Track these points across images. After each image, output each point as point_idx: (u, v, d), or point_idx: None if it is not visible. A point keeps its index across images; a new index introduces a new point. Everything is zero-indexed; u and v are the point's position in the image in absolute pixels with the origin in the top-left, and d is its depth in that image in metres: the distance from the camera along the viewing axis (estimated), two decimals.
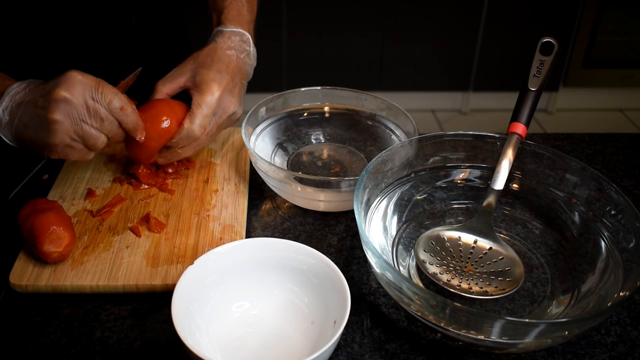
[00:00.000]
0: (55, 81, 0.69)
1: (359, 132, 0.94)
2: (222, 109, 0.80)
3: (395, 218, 0.77)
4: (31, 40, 0.89)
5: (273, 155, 0.90)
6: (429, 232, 0.74)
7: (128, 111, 0.72)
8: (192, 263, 0.63)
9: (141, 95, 0.81)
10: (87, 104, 0.69)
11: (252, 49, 0.86)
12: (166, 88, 0.81)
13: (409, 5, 2.44)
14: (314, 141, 0.94)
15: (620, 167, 0.93)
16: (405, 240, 0.76)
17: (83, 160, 0.73)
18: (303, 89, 0.93)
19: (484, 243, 0.73)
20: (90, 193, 0.82)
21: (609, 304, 0.61)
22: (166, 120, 0.77)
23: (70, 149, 0.71)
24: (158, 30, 1.02)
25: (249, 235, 0.78)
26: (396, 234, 0.76)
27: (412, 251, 0.74)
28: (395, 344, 0.64)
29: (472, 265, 0.70)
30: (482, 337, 0.58)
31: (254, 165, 0.82)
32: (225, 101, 0.80)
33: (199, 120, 0.78)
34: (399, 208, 0.78)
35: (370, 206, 0.74)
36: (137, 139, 0.76)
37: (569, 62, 2.62)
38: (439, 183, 0.82)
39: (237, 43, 0.84)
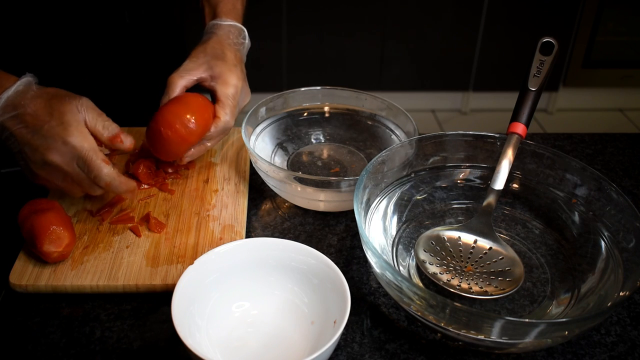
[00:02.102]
0: (48, 136, 0.67)
1: (359, 132, 0.94)
2: (242, 99, 0.84)
3: (395, 218, 0.77)
4: (25, 40, 0.89)
5: (273, 155, 0.90)
6: (429, 232, 0.74)
7: (114, 184, 0.72)
8: (192, 263, 0.63)
9: (142, 94, 0.81)
10: (73, 170, 0.69)
11: (247, 41, 0.88)
12: (184, 81, 0.81)
13: (409, 5, 2.44)
14: (314, 141, 0.94)
15: (620, 167, 0.93)
16: (405, 240, 0.76)
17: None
18: (303, 89, 0.93)
19: (484, 243, 0.73)
20: None
21: (609, 304, 0.61)
22: (202, 119, 0.78)
23: (47, 183, 0.73)
24: (152, 30, 1.02)
25: (249, 235, 0.78)
26: (396, 234, 0.76)
27: (412, 251, 0.74)
28: (395, 344, 0.64)
29: (472, 265, 0.70)
30: (482, 337, 0.58)
31: (254, 165, 0.82)
32: (244, 90, 0.84)
33: (230, 110, 0.81)
34: (399, 208, 0.78)
35: (370, 206, 0.74)
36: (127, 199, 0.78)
37: (569, 62, 2.62)
38: (439, 183, 0.82)
39: (235, 36, 0.86)
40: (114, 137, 0.72)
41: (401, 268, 0.72)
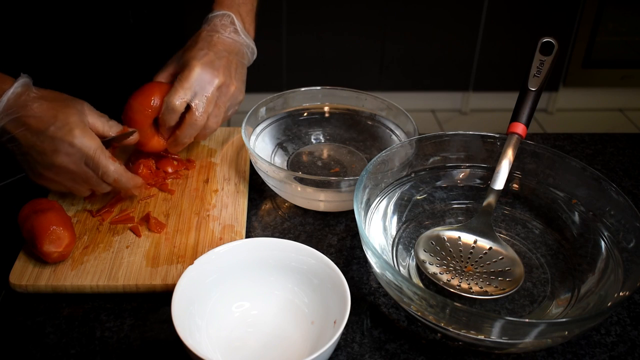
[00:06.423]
0: (55, 138, 0.68)
1: (359, 132, 0.94)
2: (205, 81, 0.79)
3: (395, 218, 0.77)
4: (28, 40, 0.89)
5: (273, 155, 0.90)
6: (429, 232, 0.74)
7: (122, 181, 0.74)
8: (192, 263, 0.63)
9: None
10: (81, 170, 0.71)
11: (238, 26, 0.85)
12: (160, 78, 0.84)
13: (409, 5, 2.44)
14: (314, 141, 0.94)
15: (620, 167, 0.93)
16: (405, 240, 0.76)
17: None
18: (303, 89, 0.93)
19: (484, 243, 0.73)
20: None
21: (609, 304, 0.61)
22: (153, 99, 0.79)
23: (52, 184, 0.74)
24: (156, 31, 1.02)
25: (249, 235, 0.78)
26: (396, 234, 0.76)
27: (412, 251, 0.74)
28: (395, 344, 0.64)
29: (472, 265, 0.70)
30: (482, 337, 0.58)
31: (254, 165, 0.82)
32: (207, 74, 0.79)
33: (179, 93, 0.78)
34: (399, 208, 0.78)
35: (370, 206, 0.74)
36: (135, 195, 0.79)
37: (569, 62, 2.62)
38: (439, 183, 0.82)
39: (219, 24, 0.85)
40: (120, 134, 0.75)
41: (401, 268, 0.72)
